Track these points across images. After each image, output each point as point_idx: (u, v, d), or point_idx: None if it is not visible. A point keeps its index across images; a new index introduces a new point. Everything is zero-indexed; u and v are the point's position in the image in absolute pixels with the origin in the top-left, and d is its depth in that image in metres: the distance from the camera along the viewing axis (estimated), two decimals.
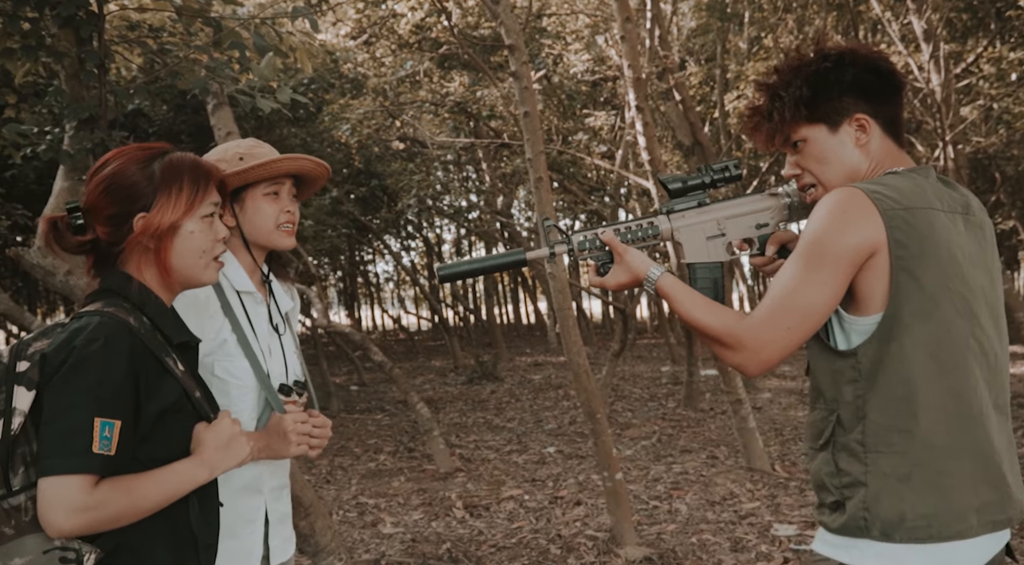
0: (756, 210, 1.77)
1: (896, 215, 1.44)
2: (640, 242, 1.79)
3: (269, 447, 1.88)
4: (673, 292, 1.67)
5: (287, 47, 3.57)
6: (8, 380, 1.42)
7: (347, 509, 5.77)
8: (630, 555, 4.27)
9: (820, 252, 1.46)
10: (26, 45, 3.29)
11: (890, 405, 1.47)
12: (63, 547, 1.40)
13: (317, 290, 8.45)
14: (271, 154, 2.00)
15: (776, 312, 1.50)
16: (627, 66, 5.83)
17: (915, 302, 1.45)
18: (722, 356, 1.58)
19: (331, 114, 9.52)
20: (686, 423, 8.14)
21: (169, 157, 1.60)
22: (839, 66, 1.58)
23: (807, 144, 1.62)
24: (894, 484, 1.47)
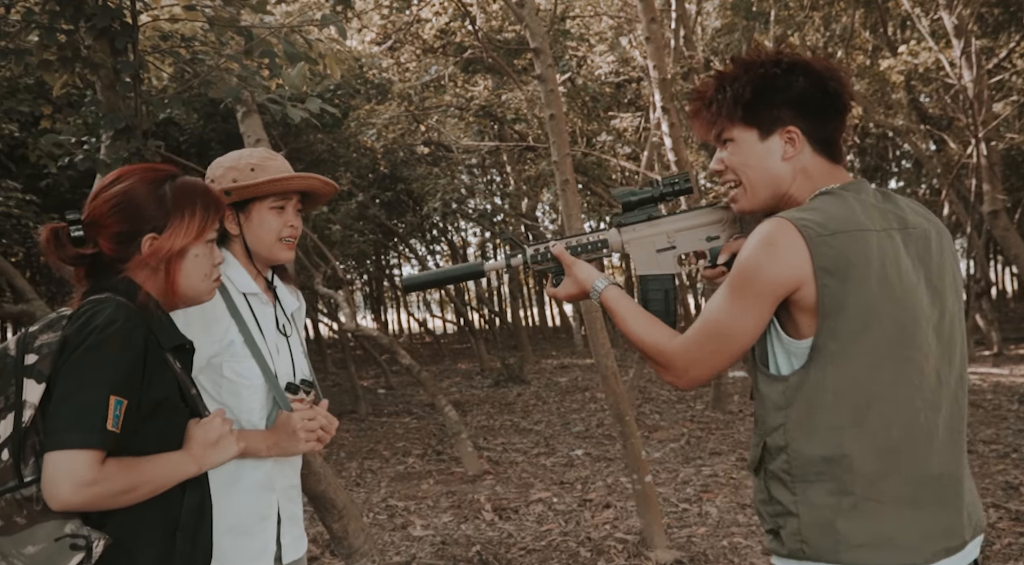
0: (706, 222, 1.78)
1: (823, 242, 1.42)
2: (590, 255, 1.82)
3: (279, 444, 1.94)
4: (615, 305, 1.70)
5: (316, 54, 3.62)
6: (17, 373, 1.47)
7: (377, 511, 5.80)
8: (661, 558, 4.26)
9: (744, 283, 1.46)
10: (63, 57, 3.37)
11: (815, 433, 1.45)
12: (73, 534, 1.44)
13: (345, 294, 8.51)
14: (282, 168, 2.05)
15: (702, 336, 1.53)
16: (652, 67, 5.82)
17: (841, 330, 1.43)
18: (656, 372, 1.62)
19: (357, 120, 9.59)
20: (715, 425, 8.09)
21: (180, 181, 1.66)
22: (788, 75, 1.55)
23: (735, 144, 1.60)
24: (826, 514, 1.44)
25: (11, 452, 1.43)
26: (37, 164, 7.08)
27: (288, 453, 1.96)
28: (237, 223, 2.04)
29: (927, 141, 12.82)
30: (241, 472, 1.97)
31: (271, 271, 2.16)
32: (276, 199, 2.03)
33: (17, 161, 8.08)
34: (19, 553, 1.42)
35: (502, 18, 9.77)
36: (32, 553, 1.42)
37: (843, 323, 1.42)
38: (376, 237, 13.85)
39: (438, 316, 25.43)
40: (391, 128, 9.74)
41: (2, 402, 1.46)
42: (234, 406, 1.97)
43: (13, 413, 1.44)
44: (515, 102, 10.25)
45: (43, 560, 1.42)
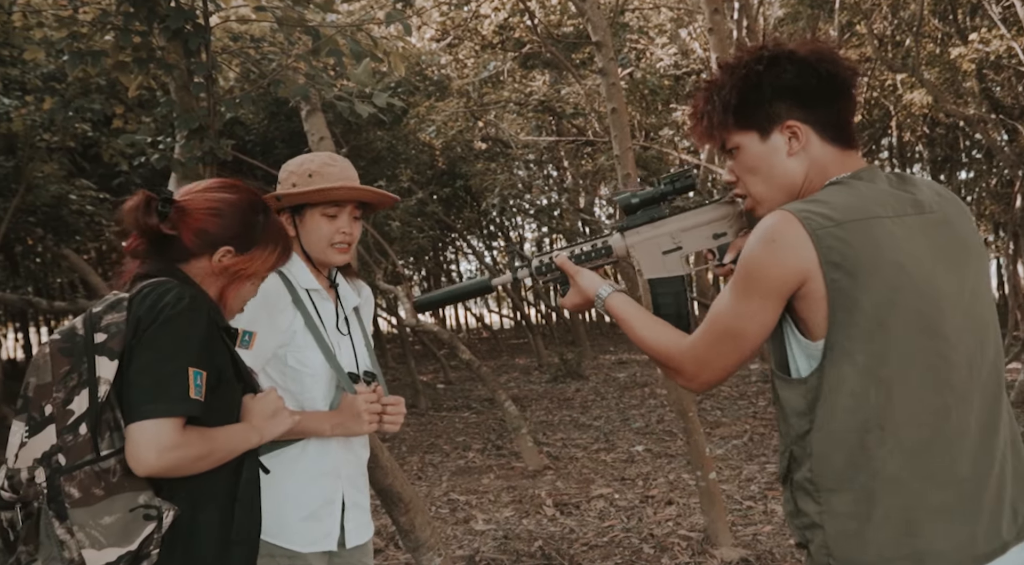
0: (712, 219, 1.71)
1: (828, 234, 1.33)
2: (594, 262, 1.78)
3: (343, 424, 2.03)
4: (621, 311, 1.66)
5: (381, 52, 3.66)
6: (89, 351, 1.54)
7: (439, 505, 5.85)
8: (726, 556, 4.20)
9: (747, 281, 1.40)
10: (137, 58, 3.46)
11: (836, 438, 1.36)
12: (147, 505, 1.51)
13: (404, 290, 8.60)
14: (341, 175, 2.10)
15: (710, 338, 1.48)
16: (715, 59, 5.73)
17: (855, 326, 1.33)
18: (667, 375, 1.58)
19: (416, 117, 9.67)
20: (778, 422, 7.95)
21: (274, 217, 1.80)
22: (772, 68, 1.46)
23: (740, 152, 1.52)
24: (853, 525, 1.35)
25: (88, 426, 1.51)
26: (110, 163, 7.33)
27: (351, 433, 2.04)
28: (294, 225, 2.11)
29: (999, 131, 12.37)
30: (310, 459, 2.06)
31: (335, 269, 2.22)
32: (329, 207, 2.09)
33: (90, 160, 8.36)
34: (96, 524, 1.48)
35: (560, 12, 9.74)
36: (109, 523, 1.49)
37: (857, 318, 1.33)
38: (435, 233, 13.96)
39: (495, 311, 25.53)
40: (450, 125, 9.79)
41: (76, 379, 1.53)
42: (298, 393, 2.06)
43: (88, 389, 1.52)
44: (574, 96, 10.20)
45: (118, 530, 1.49)
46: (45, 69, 6.71)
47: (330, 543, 2.07)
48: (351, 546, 2.13)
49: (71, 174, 8.03)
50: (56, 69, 6.67)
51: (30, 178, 7.22)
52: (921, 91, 9.80)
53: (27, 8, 4.14)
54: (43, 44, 4.06)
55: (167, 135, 4.13)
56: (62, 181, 7.57)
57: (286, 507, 2.01)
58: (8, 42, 5.87)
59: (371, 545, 2.24)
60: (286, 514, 2.00)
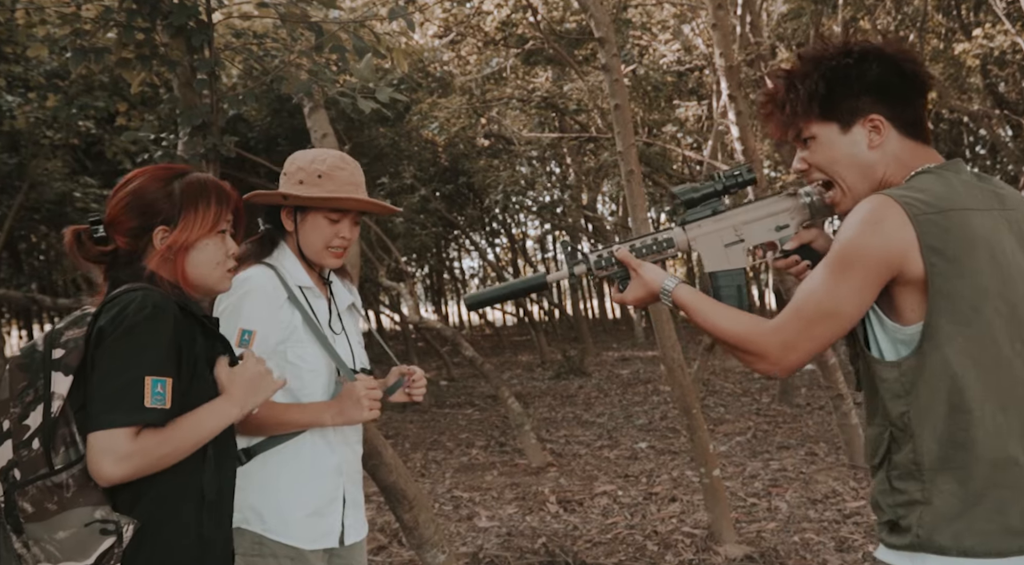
0: (774, 212, 1.74)
1: (929, 220, 1.38)
2: (655, 255, 1.78)
3: (343, 412, 2.02)
4: (690, 302, 1.65)
5: (384, 48, 3.65)
6: (46, 367, 1.56)
7: (442, 502, 5.85)
8: (730, 553, 4.20)
9: (848, 261, 1.42)
10: (141, 55, 3.46)
11: (940, 420, 1.41)
12: (103, 519, 1.51)
13: (407, 286, 8.60)
14: (350, 179, 2.10)
15: (800, 319, 1.47)
16: (719, 54, 5.71)
17: (954, 310, 1.38)
18: (746, 362, 1.56)
19: (419, 113, 9.66)
20: (782, 419, 7.95)
21: (190, 178, 1.75)
22: (861, 63, 1.51)
23: (817, 142, 1.56)
24: (955, 503, 1.40)
25: (41, 442, 1.52)
26: (113, 160, 7.34)
27: (352, 420, 2.04)
28: (294, 222, 2.11)
29: (1003, 126, 12.34)
30: (313, 456, 2.06)
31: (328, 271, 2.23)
32: (332, 211, 2.09)
33: (94, 157, 8.37)
34: (51, 538, 1.50)
35: (563, 8, 9.72)
36: (63, 538, 1.50)
37: (957, 303, 1.38)
38: (437, 230, 13.96)
39: (498, 308, 25.52)
40: (453, 121, 9.78)
41: (32, 395, 1.55)
42: (297, 390, 2.06)
43: (42, 404, 1.53)
44: (577, 93, 10.18)
45: (74, 544, 1.50)
46: (48, 66, 6.72)
47: (332, 540, 2.07)
48: (349, 543, 2.14)
49: (74, 171, 8.05)
50: (59, 66, 6.68)
51: (34, 175, 7.23)
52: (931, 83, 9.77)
53: (30, 5, 4.14)
54: (46, 41, 4.06)
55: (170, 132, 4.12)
56: (66, 178, 7.58)
57: (290, 504, 2.01)
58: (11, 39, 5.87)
59: (364, 544, 2.25)
60: (290, 511, 2.00)
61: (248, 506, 1.97)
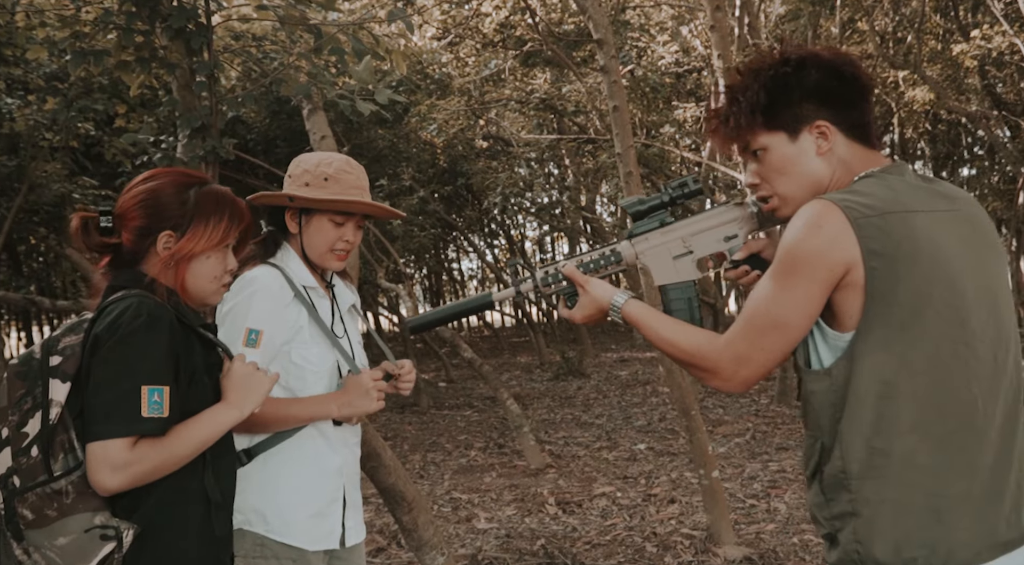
0: (722, 222, 1.71)
1: (869, 224, 1.35)
2: (603, 271, 1.76)
3: (350, 404, 2.02)
4: (640, 318, 1.63)
5: (383, 50, 3.66)
6: (43, 374, 1.56)
7: (441, 504, 5.86)
8: (729, 554, 4.21)
9: (792, 268, 1.39)
10: (140, 57, 3.47)
11: (867, 426, 1.37)
12: (103, 525, 1.52)
13: (406, 288, 8.60)
14: (356, 182, 2.11)
15: (750, 332, 1.45)
16: (717, 56, 5.73)
17: (891, 315, 1.36)
18: (700, 378, 1.54)
19: (418, 115, 9.67)
20: (780, 420, 7.95)
21: (207, 189, 1.74)
22: (799, 71, 1.50)
23: (767, 153, 1.54)
24: (884, 511, 1.37)
25: (40, 449, 1.53)
26: (112, 162, 7.34)
27: (359, 411, 2.04)
28: (298, 224, 2.12)
29: (1001, 127, 12.35)
30: (315, 457, 2.07)
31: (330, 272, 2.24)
32: (337, 213, 2.09)
33: (93, 159, 8.37)
34: (51, 545, 1.51)
35: (562, 10, 9.73)
36: (63, 544, 1.51)
37: (894, 308, 1.36)
38: (436, 231, 13.96)
39: (496, 309, 25.52)
40: (451, 123, 9.79)
41: (30, 402, 1.55)
42: (300, 391, 2.06)
43: (40, 412, 1.53)
44: (575, 94, 10.19)
45: (74, 550, 1.51)
46: (48, 69, 6.72)
47: (333, 541, 2.08)
48: (350, 545, 2.15)
49: (73, 173, 8.04)
50: (59, 69, 6.68)
51: (33, 177, 7.23)
52: (923, 88, 9.78)
53: (30, 8, 4.14)
54: (46, 44, 4.06)
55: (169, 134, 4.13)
56: (65, 180, 7.58)
57: (292, 505, 2.01)
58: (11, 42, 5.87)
59: (363, 546, 2.27)
60: (292, 512, 2.01)
61: (250, 507, 1.98)
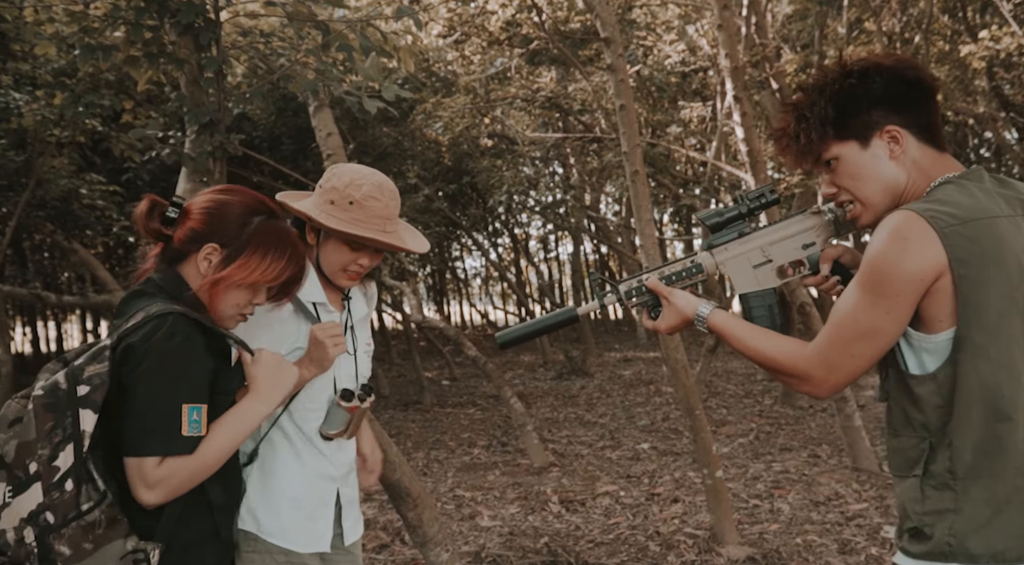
0: (800, 231, 1.76)
1: (954, 232, 1.40)
2: (685, 281, 1.80)
3: (314, 361, 2.00)
4: (727, 327, 1.68)
5: (391, 47, 3.66)
6: (72, 404, 1.52)
7: (445, 502, 5.86)
8: (732, 554, 4.20)
9: (882, 280, 1.43)
10: (148, 52, 3.47)
11: (975, 429, 1.43)
12: (134, 550, 1.54)
13: (411, 286, 8.61)
14: (382, 211, 2.03)
15: (841, 341, 1.49)
16: (724, 55, 5.72)
17: (983, 319, 1.41)
18: (790, 385, 1.59)
19: (424, 113, 9.67)
20: (784, 420, 7.94)
21: (272, 222, 1.74)
22: (863, 80, 1.55)
23: (840, 162, 1.59)
24: (986, 511, 1.43)
25: (74, 482, 1.51)
26: (120, 158, 7.36)
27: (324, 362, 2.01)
28: (316, 238, 2.09)
29: (1009, 129, 12.31)
30: (305, 460, 2.08)
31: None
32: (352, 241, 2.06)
33: (100, 155, 8.39)
34: None
35: (568, 8, 9.72)
36: None
37: (986, 313, 1.41)
38: (441, 230, 13.97)
39: (500, 308, 25.53)
40: (457, 121, 9.79)
41: (60, 435, 1.50)
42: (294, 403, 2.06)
43: (72, 444, 1.51)
44: (581, 93, 10.18)
45: None
46: (55, 64, 6.73)
47: (324, 544, 2.10)
48: (349, 543, 2.17)
49: (81, 169, 8.06)
50: (66, 64, 6.69)
51: (40, 173, 7.25)
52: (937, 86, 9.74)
53: (38, 3, 4.15)
54: (54, 39, 4.07)
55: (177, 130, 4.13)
56: (72, 176, 7.60)
57: (283, 507, 2.03)
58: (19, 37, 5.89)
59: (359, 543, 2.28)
60: (283, 514, 2.02)
61: (244, 506, 2.00)
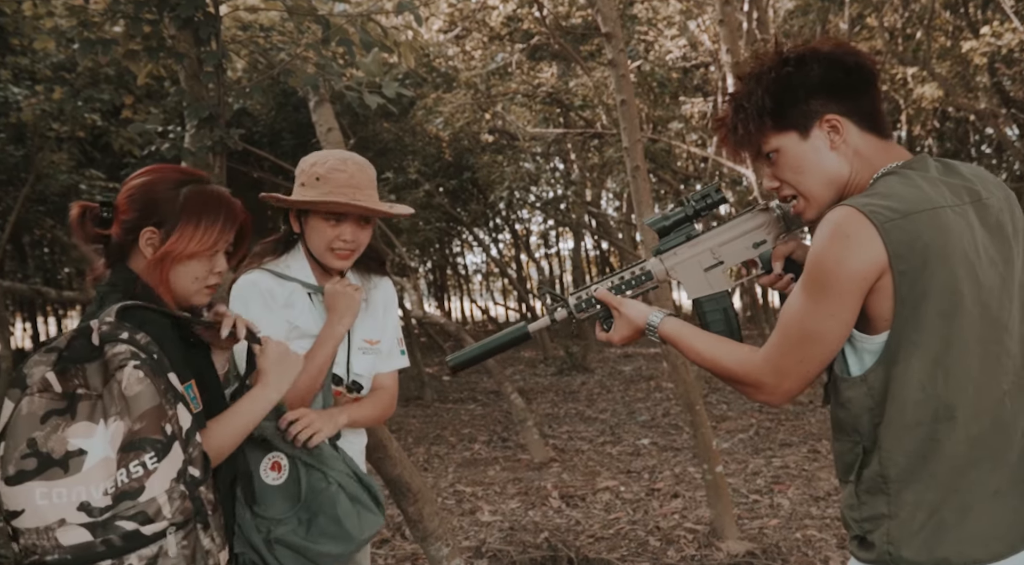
0: (749, 229, 1.72)
1: (894, 227, 1.33)
2: (636, 290, 1.76)
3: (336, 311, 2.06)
4: (679, 336, 1.63)
5: (391, 42, 3.65)
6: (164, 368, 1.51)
7: (445, 496, 5.87)
8: (732, 549, 4.21)
9: (824, 282, 1.37)
10: (148, 47, 3.47)
11: (906, 432, 1.38)
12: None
13: (411, 282, 8.60)
14: (348, 181, 2.05)
15: (788, 346, 1.44)
16: (726, 51, 5.71)
17: (923, 317, 1.35)
18: (744, 393, 1.54)
19: (424, 108, 9.66)
20: (784, 416, 7.94)
21: (201, 188, 1.70)
22: (800, 68, 1.48)
23: (780, 154, 1.53)
24: (921, 514, 1.38)
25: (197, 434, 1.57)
26: (119, 152, 7.36)
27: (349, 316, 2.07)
28: (300, 225, 2.11)
29: (1010, 125, 12.30)
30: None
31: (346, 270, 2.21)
32: (331, 213, 2.06)
33: (100, 150, 8.38)
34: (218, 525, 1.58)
35: (569, 3, 9.70)
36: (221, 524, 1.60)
37: (925, 310, 1.35)
38: (441, 225, 13.96)
39: (500, 303, 25.52)
40: (457, 116, 9.77)
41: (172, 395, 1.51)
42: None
43: (182, 402, 1.53)
44: (582, 89, 10.16)
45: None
46: (55, 59, 6.73)
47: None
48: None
49: (80, 164, 8.06)
50: (66, 59, 6.69)
51: (40, 168, 7.24)
52: (932, 85, 9.73)
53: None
54: (53, 33, 4.06)
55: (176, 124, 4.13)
56: (71, 171, 7.60)
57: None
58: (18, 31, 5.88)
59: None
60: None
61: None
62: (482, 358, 1.84)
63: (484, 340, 1.84)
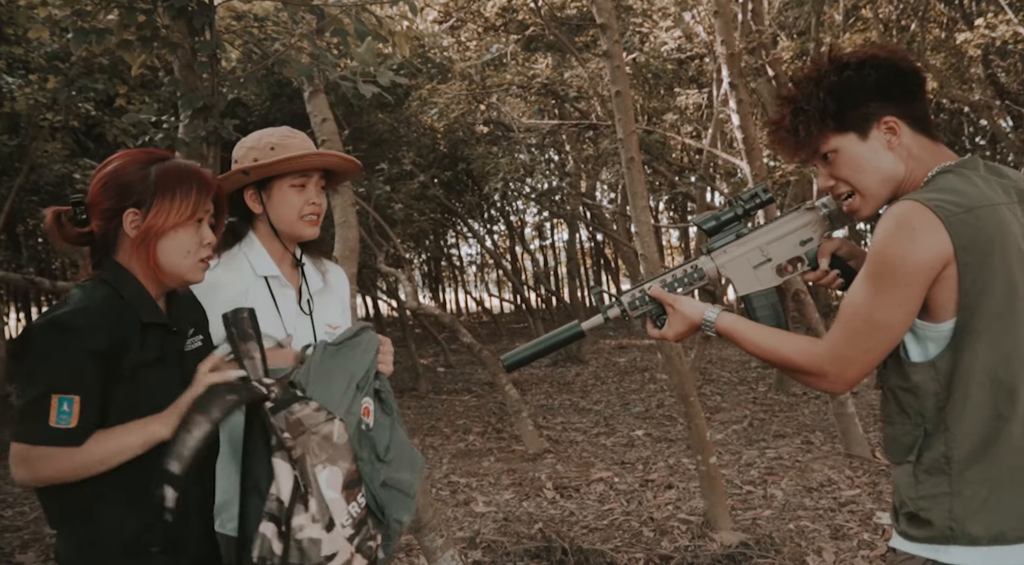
0: (796, 227, 1.78)
1: (958, 220, 1.42)
2: (688, 287, 1.81)
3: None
4: (736, 330, 1.69)
5: (386, 32, 3.64)
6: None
7: (439, 488, 5.88)
8: (726, 539, 4.23)
9: (891, 272, 1.45)
10: (142, 36, 3.45)
11: (974, 415, 1.46)
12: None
13: (406, 273, 8.60)
14: (302, 146, 2.05)
15: (853, 335, 1.51)
16: (720, 42, 5.71)
17: (986, 306, 1.43)
18: (806, 382, 1.60)
19: (419, 99, 9.63)
20: (778, 407, 7.98)
21: (169, 163, 1.71)
22: (860, 72, 1.57)
23: (838, 154, 1.60)
24: (982, 491, 1.46)
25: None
26: (113, 142, 7.33)
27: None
28: (260, 202, 2.06)
29: (1004, 117, 12.33)
30: None
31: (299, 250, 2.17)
32: (296, 177, 2.04)
33: (94, 139, 8.35)
34: None
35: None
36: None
37: (988, 300, 1.43)
38: (436, 216, 13.95)
39: (495, 295, 25.53)
40: (452, 108, 9.75)
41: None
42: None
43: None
44: (577, 80, 10.15)
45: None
46: (49, 48, 6.69)
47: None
48: None
49: (74, 154, 8.03)
50: (60, 48, 6.65)
51: (33, 157, 7.21)
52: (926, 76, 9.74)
53: None
54: (47, 23, 4.04)
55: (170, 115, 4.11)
56: (65, 160, 7.57)
57: None
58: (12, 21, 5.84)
59: None
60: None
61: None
62: (536, 357, 1.89)
63: (537, 339, 1.89)
